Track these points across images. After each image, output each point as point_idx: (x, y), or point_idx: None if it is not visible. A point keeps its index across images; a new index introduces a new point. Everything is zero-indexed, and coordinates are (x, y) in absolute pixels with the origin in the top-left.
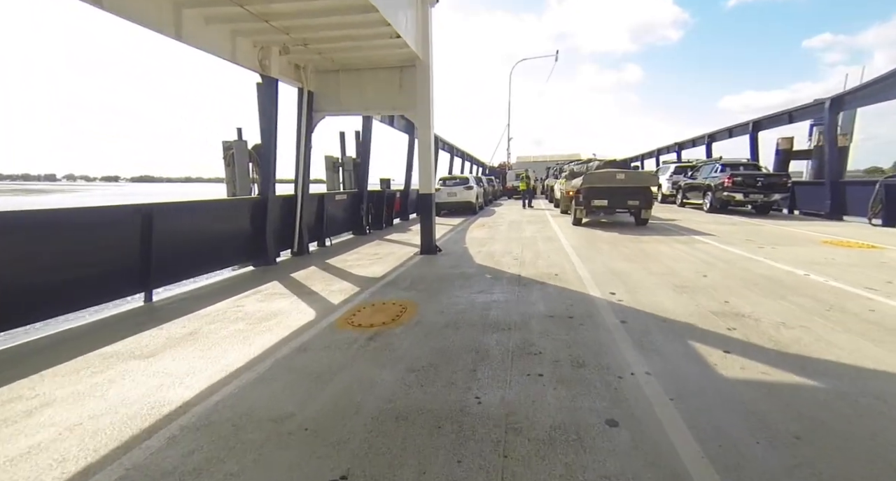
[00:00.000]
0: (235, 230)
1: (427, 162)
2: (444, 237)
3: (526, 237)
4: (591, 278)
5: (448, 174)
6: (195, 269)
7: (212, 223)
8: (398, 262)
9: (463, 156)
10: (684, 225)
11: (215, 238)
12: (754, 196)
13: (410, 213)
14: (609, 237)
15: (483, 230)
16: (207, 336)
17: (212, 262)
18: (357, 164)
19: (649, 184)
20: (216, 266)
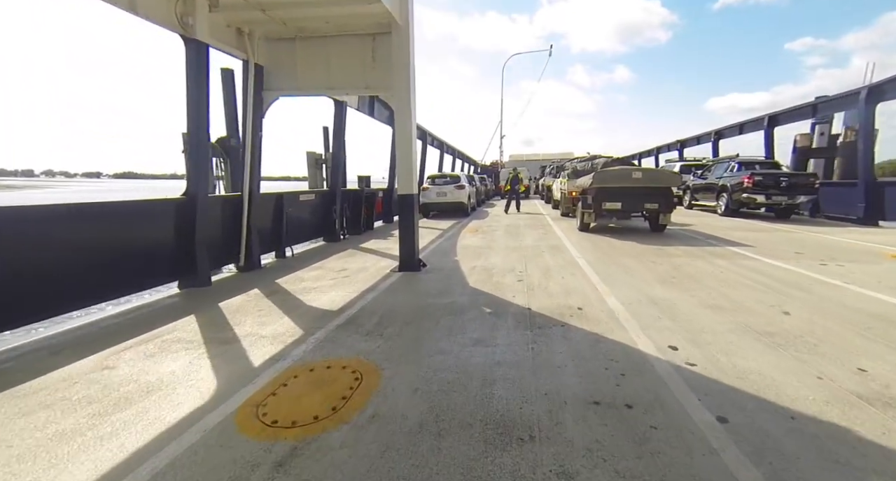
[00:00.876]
0: (151, 241)
1: (407, 155)
2: (431, 246)
3: (528, 246)
4: (629, 314)
5: (438, 172)
6: (80, 299)
7: (116, 232)
8: (368, 284)
9: (454, 153)
10: (706, 231)
11: (120, 252)
12: (777, 198)
13: (395, 216)
14: (628, 248)
15: (477, 236)
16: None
17: (110, 286)
18: (318, 159)
19: (670, 185)
20: (119, 290)
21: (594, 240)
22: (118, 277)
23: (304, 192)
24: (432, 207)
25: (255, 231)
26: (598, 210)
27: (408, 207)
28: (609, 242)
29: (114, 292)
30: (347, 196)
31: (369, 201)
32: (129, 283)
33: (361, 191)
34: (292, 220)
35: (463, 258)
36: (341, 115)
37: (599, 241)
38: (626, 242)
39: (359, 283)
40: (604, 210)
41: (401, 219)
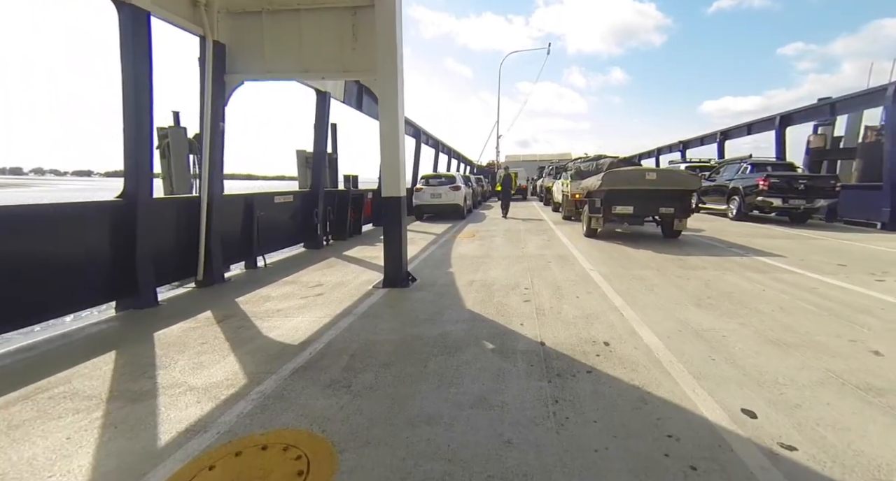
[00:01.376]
0: (81, 253)
1: (393, 151)
2: (423, 254)
3: (531, 255)
4: (672, 354)
5: (433, 172)
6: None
7: (32, 242)
8: (344, 305)
9: (450, 152)
10: (723, 238)
11: (38, 267)
12: (795, 202)
13: None
14: (643, 257)
15: (474, 243)
16: None
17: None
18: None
19: (688, 187)
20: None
21: (604, 247)
22: (33, 300)
23: (280, 193)
24: (426, 209)
25: (217, 238)
26: (607, 214)
27: (394, 213)
28: (621, 251)
29: (25, 319)
30: (332, 197)
31: (356, 203)
32: (47, 307)
33: (347, 192)
34: (266, 225)
35: (459, 270)
36: (324, 108)
37: (610, 249)
38: (641, 251)
39: (333, 304)
40: (614, 215)
41: (386, 226)
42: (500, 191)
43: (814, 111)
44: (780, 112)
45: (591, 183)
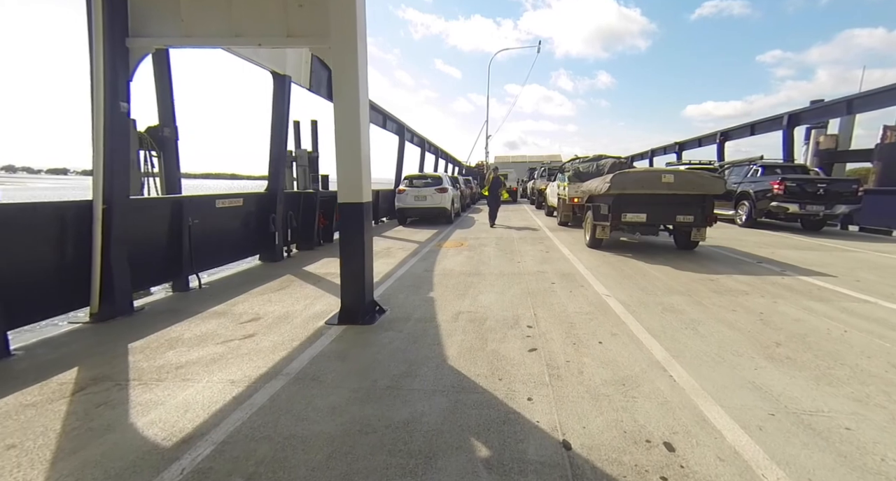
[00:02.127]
0: None
1: (352, 142)
2: (400, 270)
3: (529, 272)
4: (791, 477)
5: (417, 172)
6: None
7: None
8: (277, 356)
9: (437, 152)
10: (742, 249)
11: None
12: (813, 208)
13: None
14: (664, 275)
15: (461, 255)
16: None
17: None
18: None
19: (711, 192)
20: None
21: (612, 261)
22: None
23: (224, 196)
24: (409, 213)
25: (123, 255)
26: (615, 223)
27: (353, 224)
28: (634, 266)
29: None
30: (295, 201)
31: (327, 207)
32: None
33: (315, 195)
34: (204, 235)
35: (442, 294)
36: (283, 95)
37: (620, 264)
38: (657, 266)
39: (262, 355)
40: (623, 223)
41: (342, 242)
42: (488, 196)
43: (825, 109)
44: (788, 111)
45: (595, 186)
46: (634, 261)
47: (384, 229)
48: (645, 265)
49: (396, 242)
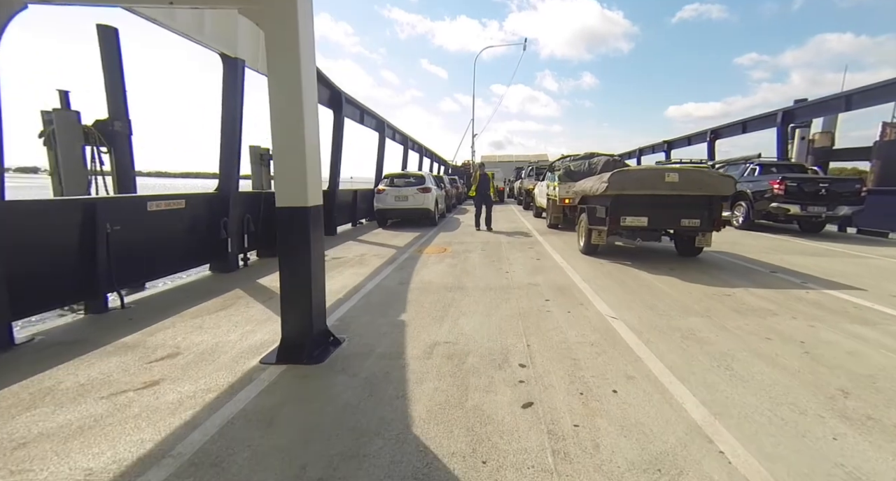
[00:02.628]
0: None
1: (293, 126)
2: (371, 282)
3: (520, 284)
4: None
5: (397, 171)
6: None
7: None
8: (179, 419)
9: (421, 150)
10: (745, 254)
11: None
12: (815, 209)
13: (340, 224)
14: (673, 290)
15: (443, 263)
16: None
17: None
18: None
19: (720, 193)
20: None
21: (611, 271)
22: None
23: (159, 197)
24: (389, 215)
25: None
26: (613, 227)
27: (294, 235)
28: (637, 277)
29: None
30: (254, 202)
31: None
32: None
33: (260, 196)
34: (131, 244)
35: (416, 316)
36: (235, 81)
37: (621, 275)
38: (662, 277)
39: (156, 419)
40: (622, 227)
41: (281, 257)
42: (475, 197)
43: (822, 106)
44: (782, 107)
45: (590, 186)
46: (635, 270)
47: (361, 232)
48: (648, 276)
49: (372, 247)
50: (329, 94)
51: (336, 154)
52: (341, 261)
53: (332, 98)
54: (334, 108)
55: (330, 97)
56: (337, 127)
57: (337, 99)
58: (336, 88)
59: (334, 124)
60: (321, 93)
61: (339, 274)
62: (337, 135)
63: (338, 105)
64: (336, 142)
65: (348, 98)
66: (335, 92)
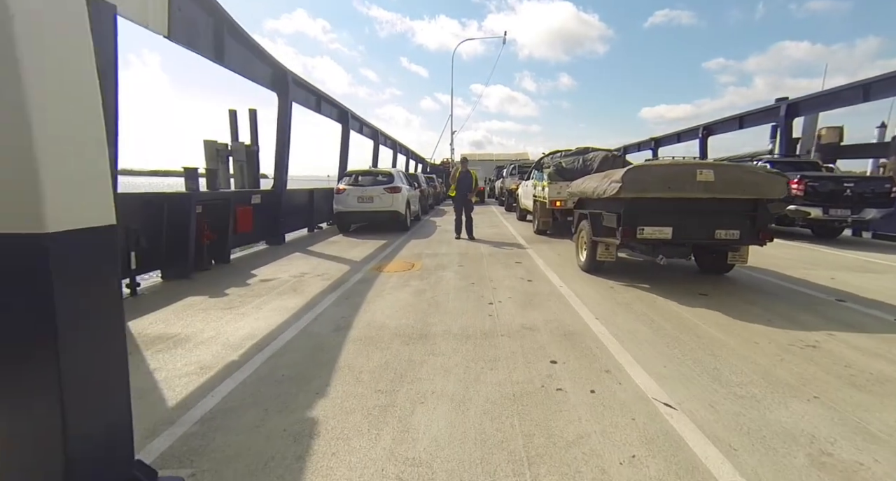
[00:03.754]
0: None
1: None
2: (292, 327)
3: (510, 330)
4: None
5: (362, 168)
6: None
7: None
8: None
9: (396, 146)
10: (778, 269)
11: None
12: (838, 212)
13: (293, 230)
14: (725, 334)
15: (408, 286)
16: None
17: None
18: (221, 150)
19: (767, 195)
20: None
21: (629, 300)
22: None
23: None
24: (351, 219)
25: None
26: (627, 239)
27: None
28: (667, 312)
29: None
30: (150, 209)
31: (215, 214)
32: None
33: (189, 198)
34: None
35: (340, 411)
36: (110, 30)
37: (644, 307)
38: (699, 310)
39: None
40: (640, 240)
41: None
42: (455, 197)
43: (834, 97)
44: (786, 100)
45: (592, 187)
46: (659, 298)
47: (316, 239)
48: (680, 308)
49: (321, 263)
50: (271, 73)
51: (282, 146)
52: (270, 285)
53: (276, 78)
54: (278, 90)
55: (273, 77)
56: (282, 114)
57: (281, 80)
58: (279, 66)
59: (279, 111)
60: (259, 70)
61: (256, 310)
62: (282, 123)
63: (282, 87)
64: (282, 132)
65: (297, 79)
66: (278, 71)
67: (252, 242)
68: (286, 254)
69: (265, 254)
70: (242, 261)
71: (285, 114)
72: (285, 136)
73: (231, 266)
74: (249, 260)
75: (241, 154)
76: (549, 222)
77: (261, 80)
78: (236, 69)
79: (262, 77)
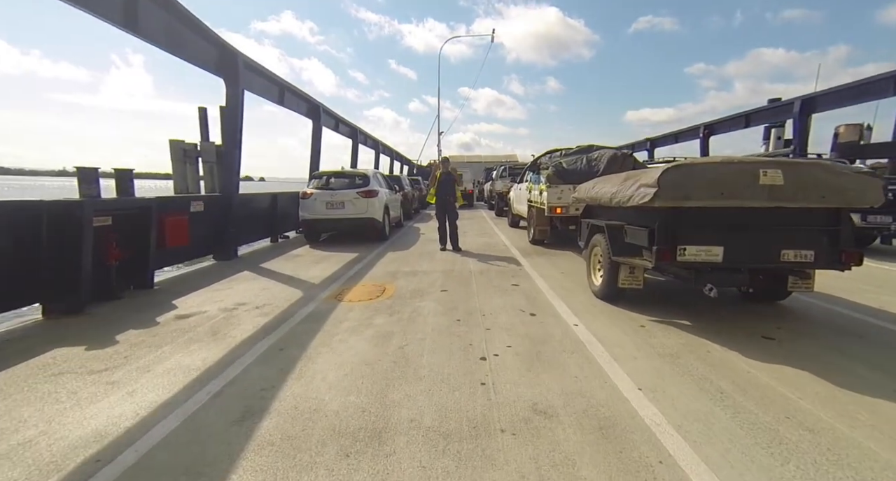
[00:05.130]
0: None
1: None
2: (181, 408)
3: (513, 420)
4: None
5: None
6: None
7: None
8: None
9: (378, 146)
10: (850, 296)
11: None
12: (880, 218)
13: (250, 241)
14: (854, 430)
15: (369, 329)
16: None
17: None
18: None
19: (855, 203)
20: None
21: (677, 351)
22: None
23: None
24: (319, 227)
25: None
26: (664, 261)
27: None
28: (739, 377)
29: None
30: (21, 219)
31: (130, 226)
32: None
33: (78, 206)
34: None
35: None
36: None
37: (705, 368)
38: (772, 367)
39: None
40: (681, 262)
41: None
42: (436, 203)
43: (860, 90)
44: (801, 96)
45: (610, 192)
46: (710, 344)
47: (276, 252)
48: (748, 364)
49: (267, 286)
50: (216, 54)
51: (230, 143)
52: (185, 325)
53: (222, 61)
54: (225, 75)
55: (218, 59)
56: (232, 105)
57: (229, 63)
58: (226, 47)
59: (227, 100)
60: (197, 49)
61: (139, 375)
62: (231, 115)
63: (230, 72)
64: (230, 126)
65: (250, 63)
66: (226, 52)
67: (193, 258)
68: (232, 274)
69: (206, 273)
70: (171, 285)
71: (235, 105)
72: (235, 131)
73: (152, 293)
74: (181, 283)
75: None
76: (546, 231)
77: (200, 62)
78: (160, 43)
79: (201, 58)
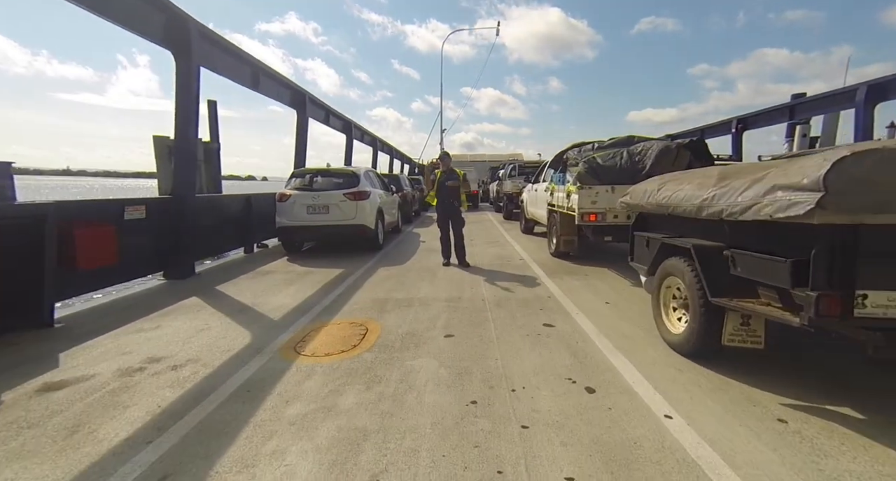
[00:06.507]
0: None
1: None
2: None
3: None
4: None
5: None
6: None
7: None
8: None
9: (376, 143)
10: None
11: None
12: None
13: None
14: None
15: (331, 417)
16: None
17: None
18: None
19: None
20: None
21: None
22: None
23: None
24: (300, 235)
25: None
26: (830, 313)
27: None
28: None
29: None
30: None
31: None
32: None
33: None
34: None
35: None
36: None
37: None
38: None
39: None
40: (859, 319)
41: None
42: (437, 206)
43: None
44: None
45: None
46: None
47: (246, 267)
48: None
49: (210, 325)
50: (163, 19)
51: (184, 138)
52: (34, 415)
53: (169, 25)
54: (174, 49)
55: (165, 26)
56: (183, 84)
57: (179, 31)
58: (174, 10)
59: (177, 78)
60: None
61: None
62: (184, 98)
63: (182, 44)
64: (183, 110)
65: (208, 34)
66: (172, 14)
67: (130, 279)
68: (174, 302)
69: (140, 301)
70: (83, 321)
71: (188, 85)
72: (188, 118)
73: (41, 336)
74: (98, 316)
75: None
76: (573, 242)
77: (138, 28)
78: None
79: (139, 23)
